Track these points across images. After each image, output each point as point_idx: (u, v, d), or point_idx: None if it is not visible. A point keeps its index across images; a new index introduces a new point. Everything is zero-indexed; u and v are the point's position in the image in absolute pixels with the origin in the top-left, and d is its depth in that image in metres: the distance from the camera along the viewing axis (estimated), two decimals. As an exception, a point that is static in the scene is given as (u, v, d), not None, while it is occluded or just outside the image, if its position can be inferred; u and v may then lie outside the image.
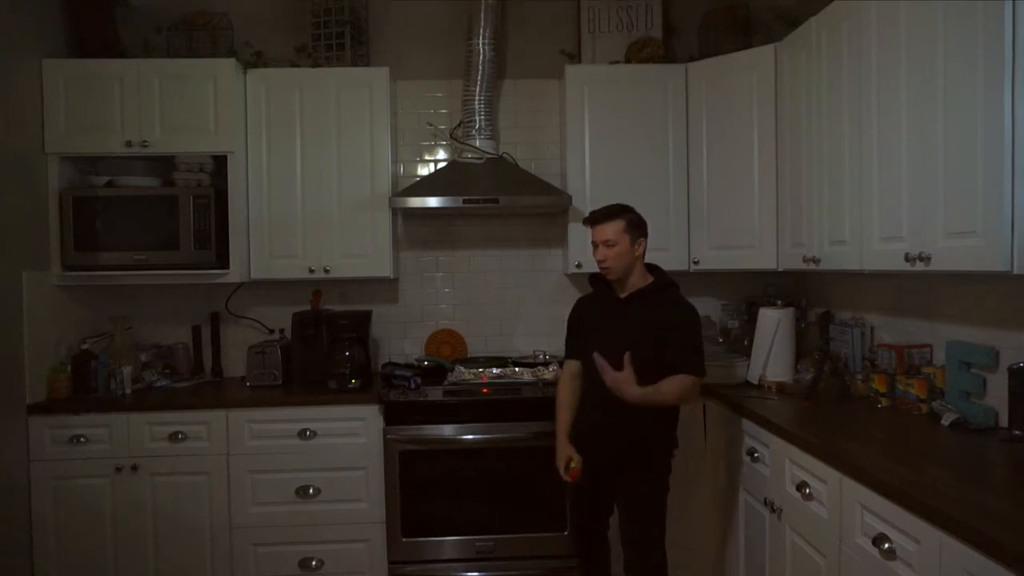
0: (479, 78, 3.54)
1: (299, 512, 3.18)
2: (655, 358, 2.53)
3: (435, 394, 3.23)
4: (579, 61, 3.71)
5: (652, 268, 2.70)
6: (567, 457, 2.67)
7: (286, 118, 3.44)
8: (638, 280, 2.63)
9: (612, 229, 2.57)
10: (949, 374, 2.47)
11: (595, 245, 2.62)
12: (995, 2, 1.82)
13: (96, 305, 3.55)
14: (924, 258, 2.12)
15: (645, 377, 2.50)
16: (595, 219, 2.63)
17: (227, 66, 3.36)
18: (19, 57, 3.14)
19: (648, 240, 2.67)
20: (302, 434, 3.17)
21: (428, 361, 3.62)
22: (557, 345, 2.94)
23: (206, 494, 3.16)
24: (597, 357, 2.48)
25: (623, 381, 2.45)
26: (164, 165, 3.43)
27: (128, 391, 3.27)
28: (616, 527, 2.72)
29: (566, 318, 2.86)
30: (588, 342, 2.70)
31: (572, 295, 2.97)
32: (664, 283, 2.65)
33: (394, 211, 3.51)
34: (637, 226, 2.61)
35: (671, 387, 2.50)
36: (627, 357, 2.45)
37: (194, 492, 3.15)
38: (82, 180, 3.43)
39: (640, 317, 2.58)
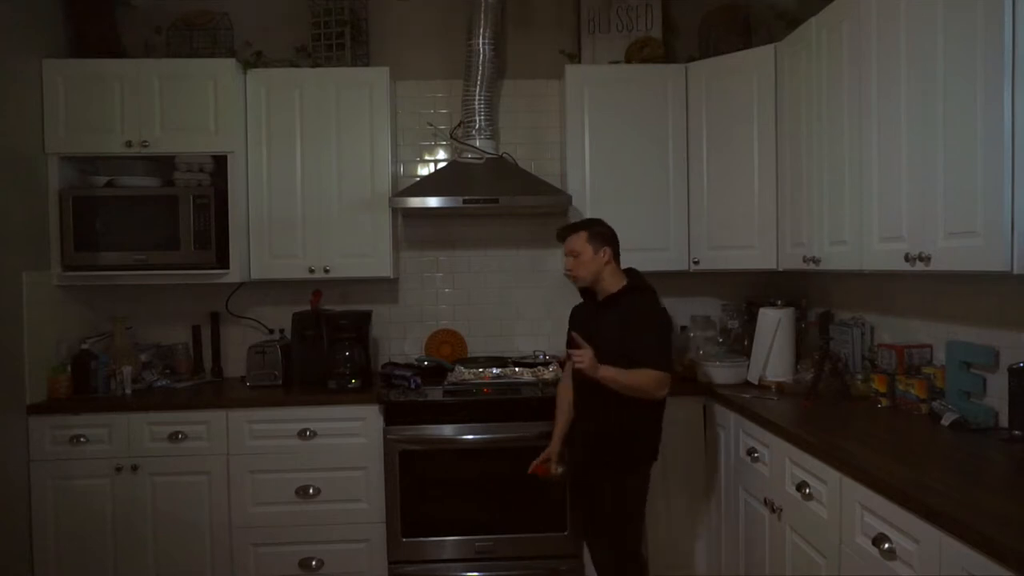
0: (479, 78, 3.54)
1: (299, 512, 3.18)
2: (625, 358, 2.59)
3: (435, 394, 3.22)
4: (579, 61, 3.71)
5: (629, 273, 2.76)
6: (546, 454, 2.81)
7: (286, 118, 3.44)
8: (611, 285, 2.71)
9: (576, 240, 2.71)
10: (949, 374, 2.47)
11: (566, 256, 2.76)
12: (995, 2, 1.82)
13: (96, 305, 3.55)
14: (924, 258, 2.12)
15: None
16: (560, 234, 2.79)
17: (227, 66, 3.36)
18: (19, 57, 3.14)
19: (618, 249, 2.74)
20: (302, 434, 3.17)
21: (428, 361, 3.62)
22: (557, 345, 2.96)
23: (206, 494, 3.16)
24: (574, 335, 2.58)
25: (586, 358, 2.51)
26: (164, 165, 3.43)
27: (128, 391, 3.27)
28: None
29: (566, 318, 2.91)
30: (575, 346, 2.77)
31: (572, 295, 2.97)
32: (633, 287, 2.71)
33: (394, 211, 3.51)
34: (600, 236, 2.71)
35: (636, 375, 2.55)
36: (575, 336, 2.58)
37: (194, 492, 3.15)
38: (82, 180, 3.43)
39: (611, 320, 2.66)
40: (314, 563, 3.19)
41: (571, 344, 2.84)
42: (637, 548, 2.71)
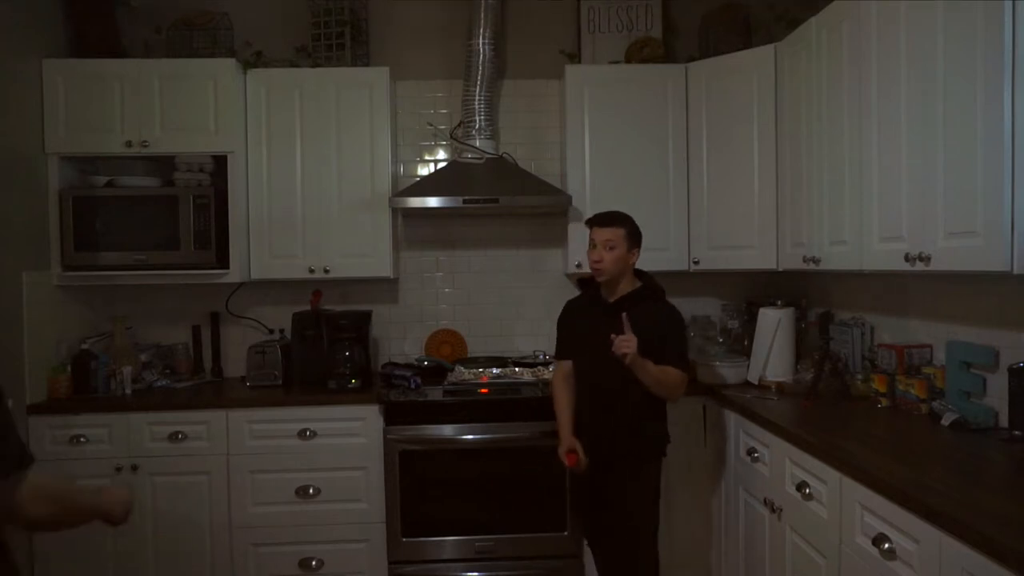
0: (479, 78, 3.54)
1: (299, 512, 3.18)
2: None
3: (435, 394, 3.23)
4: (579, 61, 3.71)
5: (640, 274, 2.75)
6: (569, 445, 2.70)
7: (286, 118, 3.44)
8: (626, 285, 2.69)
9: (616, 232, 2.64)
10: (949, 374, 2.47)
11: (593, 245, 2.67)
12: (995, 2, 1.82)
13: (96, 305, 3.55)
14: (924, 258, 2.12)
15: (630, 378, 2.55)
16: (600, 221, 2.70)
17: (227, 66, 3.36)
18: (19, 57, 3.14)
19: (640, 250, 2.71)
20: (302, 434, 3.17)
21: (428, 361, 3.62)
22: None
23: (206, 494, 3.16)
24: (624, 317, 2.51)
25: (633, 344, 2.46)
26: (164, 165, 3.43)
27: (128, 391, 3.27)
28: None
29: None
30: (578, 344, 2.78)
31: (572, 295, 2.97)
32: (651, 288, 2.71)
33: (394, 211, 3.51)
34: (636, 237, 2.69)
35: (667, 372, 2.56)
36: (624, 317, 2.50)
37: (194, 492, 3.15)
38: (82, 180, 3.43)
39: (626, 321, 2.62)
40: (314, 563, 3.19)
41: (564, 340, 2.85)
42: (651, 557, 2.68)
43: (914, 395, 2.57)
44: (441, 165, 3.80)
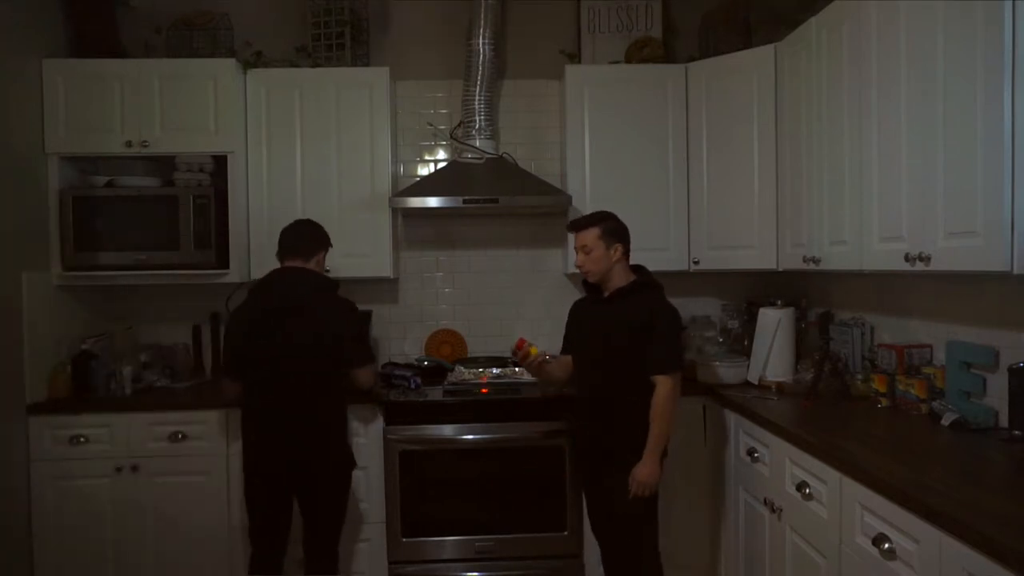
0: (479, 78, 3.54)
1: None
2: (627, 354, 2.60)
3: (435, 394, 3.23)
4: (579, 61, 3.71)
5: (638, 270, 2.75)
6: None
7: (286, 118, 3.44)
8: (619, 281, 2.70)
9: (588, 236, 2.67)
10: (949, 374, 2.47)
11: (576, 250, 2.72)
12: (995, 2, 1.83)
13: (96, 305, 3.54)
14: (924, 258, 2.12)
15: (619, 371, 2.60)
16: (574, 227, 2.76)
17: (227, 66, 3.36)
18: (19, 57, 3.14)
19: (629, 245, 2.71)
20: (302, 434, 3.17)
21: (428, 361, 3.62)
22: (557, 345, 2.95)
23: (206, 494, 3.15)
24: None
25: (640, 480, 2.54)
26: (164, 165, 3.43)
27: (128, 391, 3.27)
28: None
29: (565, 318, 2.93)
30: (576, 341, 2.84)
31: (572, 295, 2.98)
32: (643, 283, 2.70)
33: (394, 211, 3.51)
34: (613, 233, 2.68)
35: (659, 412, 2.54)
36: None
37: (194, 492, 3.15)
38: (82, 180, 3.43)
39: (616, 315, 2.65)
40: (314, 563, 3.18)
41: (567, 337, 2.88)
42: (652, 555, 2.69)
43: (914, 395, 2.57)
44: (441, 165, 3.80)
